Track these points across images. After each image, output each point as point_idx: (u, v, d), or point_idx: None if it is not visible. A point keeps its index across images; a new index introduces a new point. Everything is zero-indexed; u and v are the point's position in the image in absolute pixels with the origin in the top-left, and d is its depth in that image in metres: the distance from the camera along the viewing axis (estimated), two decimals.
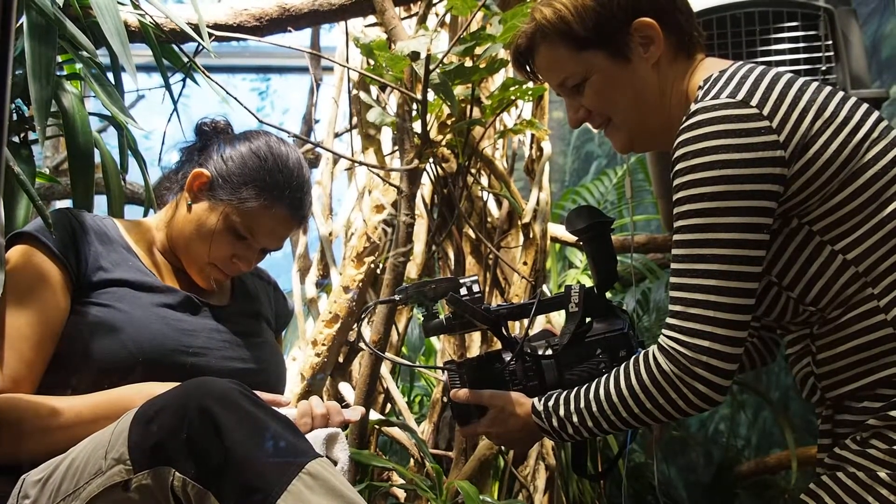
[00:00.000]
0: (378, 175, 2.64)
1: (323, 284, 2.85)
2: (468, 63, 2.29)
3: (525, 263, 2.70)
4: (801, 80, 1.34)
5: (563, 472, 2.72)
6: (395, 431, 2.52)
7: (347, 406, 1.84)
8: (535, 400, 1.47)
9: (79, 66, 1.89)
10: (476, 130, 2.60)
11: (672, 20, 1.43)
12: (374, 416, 2.41)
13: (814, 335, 1.38)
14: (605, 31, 1.42)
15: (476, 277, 1.53)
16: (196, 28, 1.96)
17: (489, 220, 2.87)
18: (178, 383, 1.34)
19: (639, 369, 1.35)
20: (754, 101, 1.29)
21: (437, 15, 2.75)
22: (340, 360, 2.65)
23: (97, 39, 1.80)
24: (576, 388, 1.44)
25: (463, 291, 1.50)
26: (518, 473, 2.60)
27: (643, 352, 1.37)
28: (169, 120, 2.04)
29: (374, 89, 2.79)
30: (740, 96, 1.29)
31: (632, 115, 1.45)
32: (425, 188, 2.72)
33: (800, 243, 1.33)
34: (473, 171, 2.77)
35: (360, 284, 2.63)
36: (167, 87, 2.00)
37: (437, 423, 2.66)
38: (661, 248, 3.41)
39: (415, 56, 2.11)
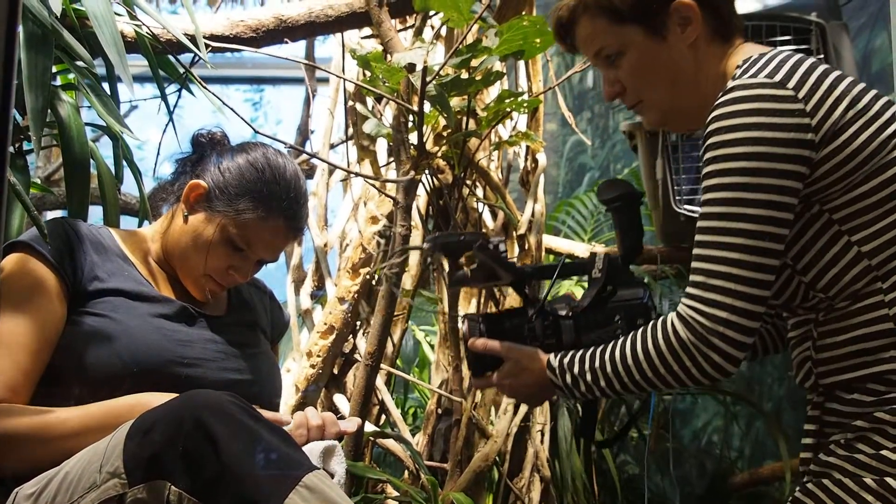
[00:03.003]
0: (374, 186, 2.64)
1: (318, 296, 2.85)
2: (464, 75, 2.29)
3: None
4: (839, 71, 1.37)
5: (558, 484, 2.71)
6: (390, 443, 2.51)
7: (343, 417, 1.84)
8: (551, 356, 1.50)
9: (71, 75, 1.89)
10: (472, 142, 2.60)
11: (711, 3, 1.45)
12: (369, 427, 2.41)
13: (818, 321, 1.40)
14: (645, 8, 1.44)
15: (503, 238, 1.56)
16: (193, 39, 1.96)
17: (484, 231, 2.87)
18: (175, 394, 1.34)
19: (655, 335, 1.38)
20: (791, 84, 1.31)
21: (433, 27, 2.76)
22: (335, 371, 2.65)
23: (93, 49, 1.80)
24: (592, 348, 1.46)
25: (490, 248, 1.53)
26: (513, 485, 2.59)
27: (661, 318, 1.39)
28: (164, 130, 2.03)
29: (369, 100, 2.79)
30: (778, 78, 1.32)
31: (664, 93, 1.47)
32: (421, 199, 2.72)
33: (818, 229, 1.36)
34: (469, 182, 2.77)
35: (356, 296, 2.62)
36: (163, 97, 2.00)
37: (431, 434, 2.65)
38: (654, 260, 3.41)
39: (411, 68, 2.12)
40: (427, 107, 2.20)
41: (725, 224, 1.31)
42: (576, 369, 1.46)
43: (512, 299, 2.71)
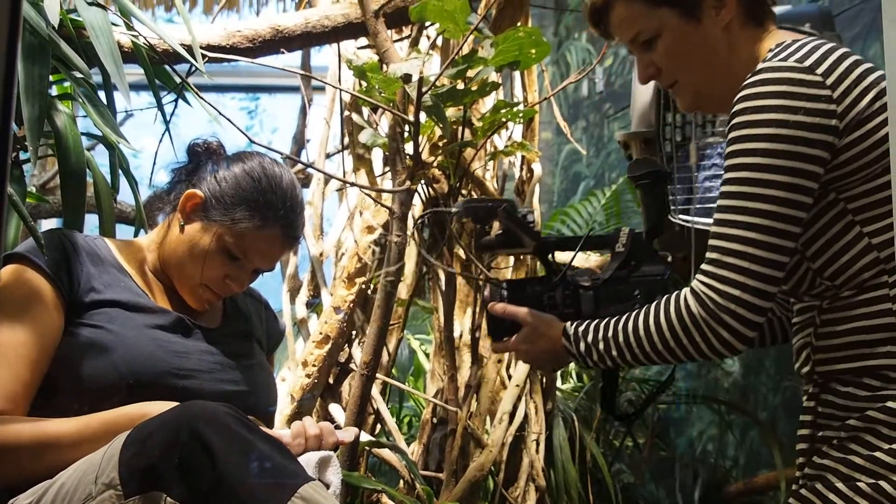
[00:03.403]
0: (369, 196, 2.65)
1: (313, 305, 2.85)
2: (460, 86, 2.30)
3: None
4: (869, 64, 1.39)
5: (554, 493, 2.71)
6: (385, 453, 2.51)
7: (339, 427, 1.84)
8: (567, 324, 1.53)
9: (67, 84, 1.89)
10: (467, 152, 2.61)
11: None
12: (364, 437, 2.41)
13: (822, 309, 1.42)
14: None
15: (532, 210, 1.59)
16: (189, 49, 1.97)
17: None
18: (175, 402, 1.34)
19: (668, 308, 1.40)
20: (820, 70, 1.33)
21: (429, 38, 2.77)
22: (330, 380, 2.64)
23: (90, 59, 1.80)
24: (607, 319, 1.49)
25: (515, 214, 1.57)
26: (508, 495, 2.59)
27: (676, 292, 1.41)
28: (160, 140, 2.04)
29: (365, 110, 2.80)
30: (807, 63, 1.34)
31: (699, 75, 1.49)
32: (416, 209, 2.73)
33: (832, 218, 1.37)
34: (464, 192, 2.77)
35: (351, 305, 2.63)
36: (160, 107, 2.00)
37: (427, 444, 2.65)
38: None
39: (407, 78, 2.12)
40: (423, 117, 2.21)
41: (744, 203, 1.33)
42: (590, 338, 1.49)
43: None
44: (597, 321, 1.50)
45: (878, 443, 1.31)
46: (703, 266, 1.37)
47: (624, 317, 1.47)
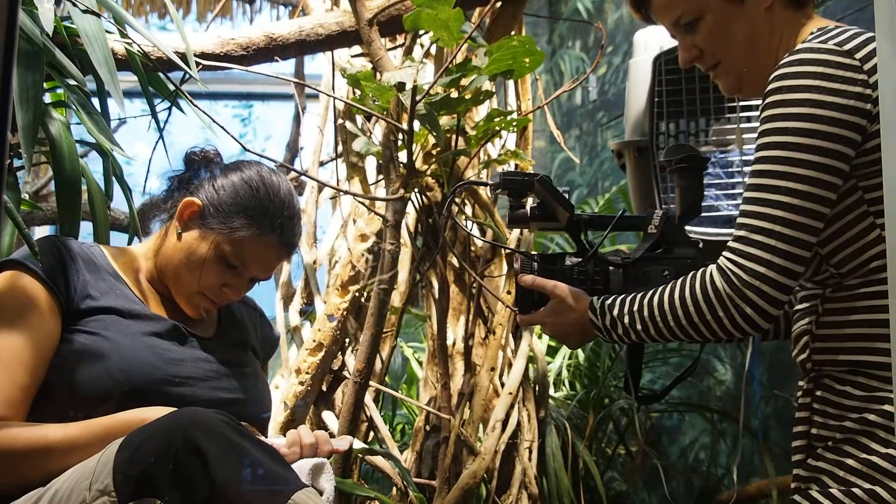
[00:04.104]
0: (363, 204, 2.65)
1: (307, 312, 2.85)
2: (454, 94, 2.31)
3: (509, 292, 2.70)
4: None
5: (546, 501, 2.71)
6: (378, 460, 2.51)
7: (333, 435, 1.84)
8: (594, 298, 1.54)
9: (61, 91, 1.89)
10: (461, 160, 2.62)
11: None
12: (358, 444, 2.40)
13: (825, 297, 1.42)
14: None
15: (568, 188, 1.60)
16: (183, 57, 1.97)
17: (473, 249, 2.88)
18: (172, 408, 1.34)
19: (694, 284, 1.40)
20: (859, 55, 1.33)
21: (423, 46, 2.78)
22: (324, 388, 2.64)
23: (84, 67, 1.80)
24: (633, 294, 1.50)
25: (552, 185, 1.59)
26: (501, 502, 2.59)
27: (702, 269, 1.41)
28: (154, 148, 2.04)
29: (359, 118, 2.80)
30: (847, 47, 1.34)
31: (741, 56, 1.49)
32: (410, 217, 2.73)
33: (848, 205, 1.38)
34: (458, 200, 2.78)
35: (344, 313, 2.63)
36: (153, 115, 2.01)
37: (420, 451, 2.66)
38: None
39: (401, 87, 2.13)
40: (417, 125, 2.22)
41: (774, 182, 1.34)
42: (615, 311, 1.50)
43: (502, 317, 2.72)
44: (623, 296, 1.51)
45: (874, 446, 1.31)
46: (731, 243, 1.37)
47: (650, 292, 1.47)
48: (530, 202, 1.65)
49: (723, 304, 1.36)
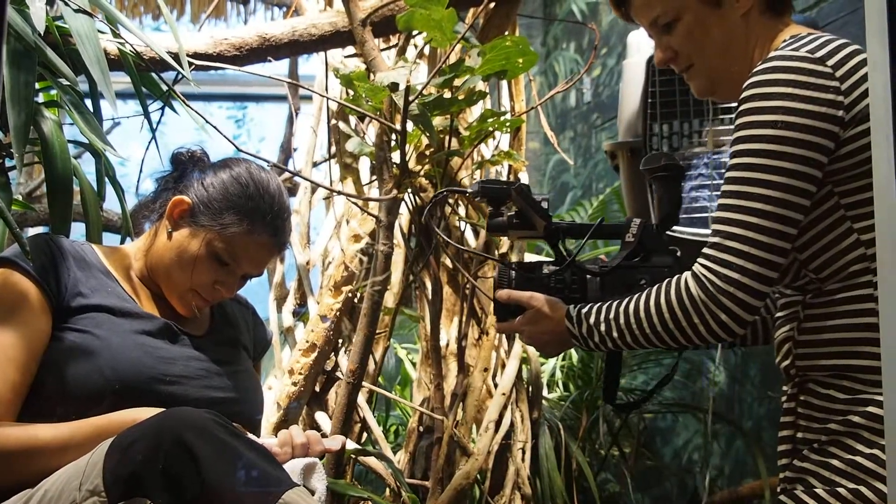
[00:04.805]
0: (356, 205, 2.65)
1: (300, 313, 2.85)
2: (447, 94, 2.31)
3: None
4: None
5: (539, 502, 2.71)
6: (371, 461, 2.51)
7: (325, 436, 1.84)
8: (571, 306, 1.54)
9: (54, 91, 1.89)
10: (454, 161, 2.62)
11: None
12: (351, 445, 2.40)
13: (806, 303, 1.43)
14: None
15: (548, 197, 1.60)
16: (176, 57, 1.97)
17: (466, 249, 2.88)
18: (163, 408, 1.34)
19: (669, 290, 1.41)
20: (831, 62, 1.35)
21: (416, 47, 2.78)
22: (317, 389, 2.64)
23: (76, 66, 1.80)
24: (609, 301, 1.50)
25: (530, 194, 1.59)
26: (494, 503, 2.59)
27: (677, 276, 1.42)
28: (147, 148, 2.04)
29: (352, 119, 2.80)
30: (819, 54, 1.35)
31: (714, 59, 1.51)
32: (403, 218, 2.73)
33: (825, 211, 1.39)
34: (451, 201, 2.78)
35: (338, 313, 2.62)
36: (146, 115, 2.00)
37: (413, 452, 2.65)
38: None
39: (394, 87, 2.13)
40: (410, 126, 2.22)
41: (747, 189, 1.35)
42: (592, 319, 1.50)
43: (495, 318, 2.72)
44: (599, 304, 1.51)
45: (859, 447, 1.32)
46: (705, 250, 1.38)
47: (626, 299, 1.48)
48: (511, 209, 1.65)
49: (697, 310, 1.36)
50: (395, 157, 2.29)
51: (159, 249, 1.63)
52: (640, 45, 2.54)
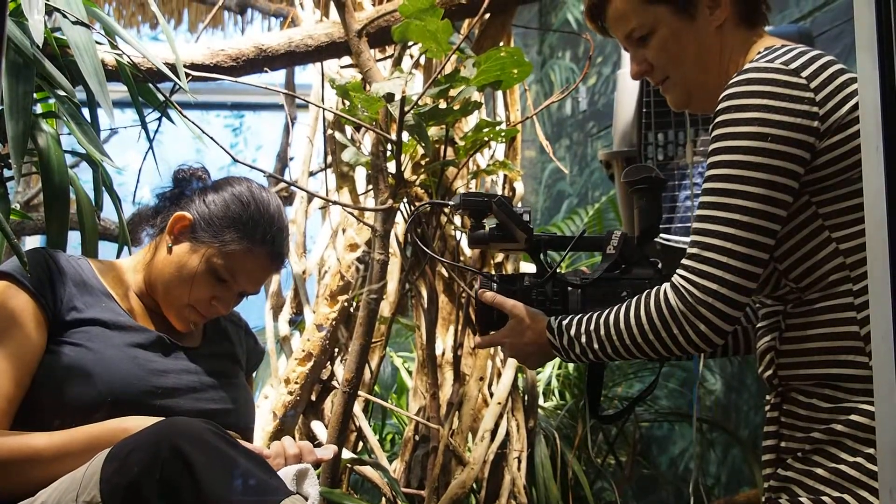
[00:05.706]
0: (352, 214, 2.66)
1: (296, 322, 2.85)
2: (442, 105, 2.32)
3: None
4: (854, 74, 1.40)
5: None
6: (367, 470, 2.51)
7: (320, 445, 1.84)
8: (552, 318, 1.54)
9: (51, 101, 1.89)
10: (450, 171, 2.63)
11: None
12: (347, 454, 2.41)
13: (786, 313, 1.43)
14: None
15: (529, 209, 1.60)
16: (173, 68, 1.98)
17: (462, 258, 2.89)
18: (157, 418, 1.34)
19: (648, 302, 1.41)
20: (805, 73, 1.36)
21: (411, 57, 2.79)
22: (313, 398, 2.65)
23: (74, 77, 1.81)
24: (590, 313, 1.51)
25: (510, 207, 1.60)
26: None
27: (657, 287, 1.43)
28: (144, 158, 2.05)
29: (348, 129, 2.81)
30: (793, 66, 1.36)
31: (690, 72, 1.51)
32: (399, 227, 2.74)
33: (802, 220, 1.39)
34: (447, 210, 2.79)
35: (334, 322, 2.63)
36: (143, 125, 2.01)
37: (409, 461, 2.66)
38: None
39: (390, 97, 2.14)
40: (405, 136, 2.23)
41: (724, 200, 1.35)
42: (572, 331, 1.50)
43: None
44: (580, 315, 1.52)
45: (842, 455, 1.33)
46: (684, 261, 1.39)
47: (607, 311, 1.48)
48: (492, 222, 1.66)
49: (676, 320, 1.37)
50: (391, 167, 2.30)
51: (159, 263, 1.64)
52: None
